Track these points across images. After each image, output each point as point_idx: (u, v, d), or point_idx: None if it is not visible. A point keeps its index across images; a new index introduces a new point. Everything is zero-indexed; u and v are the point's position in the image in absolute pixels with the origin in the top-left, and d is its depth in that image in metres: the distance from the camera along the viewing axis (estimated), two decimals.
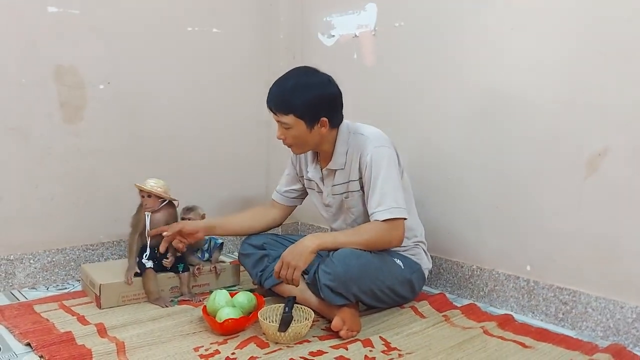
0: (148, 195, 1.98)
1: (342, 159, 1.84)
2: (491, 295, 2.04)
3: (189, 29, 2.48)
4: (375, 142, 1.80)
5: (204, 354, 1.57)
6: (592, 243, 1.77)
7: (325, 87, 1.77)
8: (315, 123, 1.76)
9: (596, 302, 1.76)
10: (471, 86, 2.04)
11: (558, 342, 1.68)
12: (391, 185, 1.76)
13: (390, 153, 1.80)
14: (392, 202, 1.74)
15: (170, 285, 2.04)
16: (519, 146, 1.92)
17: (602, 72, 1.70)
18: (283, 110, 1.74)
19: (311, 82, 1.75)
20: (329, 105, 1.78)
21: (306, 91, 1.73)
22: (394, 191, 1.75)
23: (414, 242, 1.95)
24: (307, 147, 1.84)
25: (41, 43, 2.10)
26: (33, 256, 2.16)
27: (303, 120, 1.74)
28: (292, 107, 1.73)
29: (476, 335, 1.72)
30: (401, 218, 1.75)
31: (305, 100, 1.72)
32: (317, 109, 1.75)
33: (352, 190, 1.85)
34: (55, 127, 2.17)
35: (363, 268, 1.72)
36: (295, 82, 1.74)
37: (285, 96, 1.73)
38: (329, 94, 1.78)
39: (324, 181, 1.92)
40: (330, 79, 1.80)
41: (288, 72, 1.80)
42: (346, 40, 2.49)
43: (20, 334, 1.67)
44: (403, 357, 1.57)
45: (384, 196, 1.74)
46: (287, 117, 1.74)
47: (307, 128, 1.76)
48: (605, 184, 1.72)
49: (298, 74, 1.78)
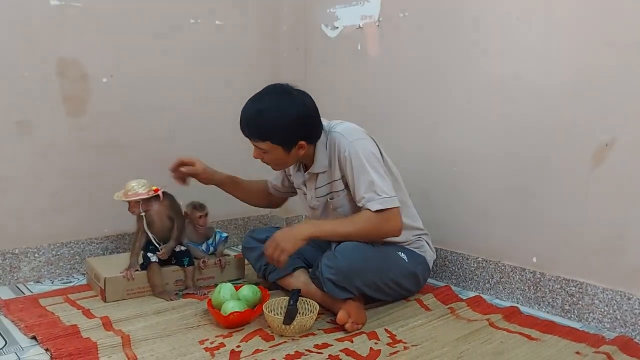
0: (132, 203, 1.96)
1: (325, 161, 1.79)
2: (497, 288, 2.03)
3: (191, 21, 2.46)
4: (349, 136, 1.74)
5: (209, 347, 1.57)
6: (599, 234, 1.75)
7: (300, 109, 1.68)
8: (293, 147, 1.71)
9: (603, 293, 1.75)
10: (477, 77, 2.02)
11: (564, 334, 1.68)
12: (375, 176, 1.70)
13: (366, 144, 1.74)
14: (380, 192, 1.68)
15: (175, 278, 2.04)
16: (525, 137, 1.91)
17: (610, 63, 1.68)
18: (257, 137, 1.69)
19: (285, 106, 1.67)
20: (305, 128, 1.71)
21: (280, 117, 1.65)
22: (380, 181, 1.70)
23: (415, 235, 1.92)
24: (286, 166, 1.84)
25: (44, 36, 2.10)
26: (38, 250, 2.17)
27: (280, 146, 1.70)
28: (267, 135, 1.67)
29: (482, 328, 1.72)
30: (394, 207, 1.70)
31: (280, 127, 1.66)
32: (294, 134, 1.69)
33: (336, 190, 1.81)
34: (59, 120, 2.16)
35: (366, 262, 1.72)
36: (269, 108, 1.66)
37: (259, 124, 1.67)
38: (305, 117, 1.70)
39: (306, 185, 1.89)
40: (304, 98, 1.72)
41: (260, 93, 1.71)
42: (350, 32, 2.47)
43: (25, 327, 1.67)
44: (408, 349, 1.57)
45: (370, 187, 1.69)
46: (263, 143, 1.69)
47: (284, 152, 1.72)
48: (612, 175, 1.71)
49: (270, 97, 1.69)
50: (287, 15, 2.74)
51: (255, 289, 1.82)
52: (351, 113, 2.46)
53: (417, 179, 2.11)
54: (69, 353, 1.49)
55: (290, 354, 1.53)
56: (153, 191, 1.96)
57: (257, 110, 1.68)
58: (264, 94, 1.71)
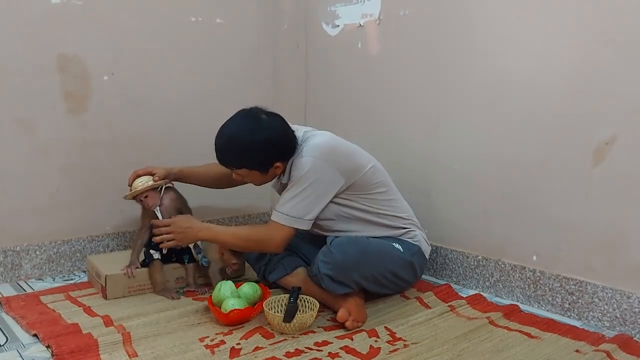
0: (145, 196, 1.96)
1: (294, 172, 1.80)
2: (497, 286, 2.04)
3: (192, 19, 2.46)
4: (309, 151, 1.75)
5: (210, 345, 1.57)
6: (599, 233, 1.75)
7: (270, 134, 1.72)
8: (270, 167, 1.77)
9: (603, 292, 1.75)
10: (477, 75, 2.02)
11: (564, 332, 1.68)
12: (301, 196, 1.73)
13: (318, 166, 1.73)
14: (290, 210, 1.73)
15: (176, 276, 2.04)
16: (525, 135, 1.91)
17: (610, 60, 1.68)
18: (234, 165, 1.78)
19: (255, 133, 1.71)
20: (277, 150, 1.75)
21: (252, 144, 1.71)
22: (300, 202, 1.73)
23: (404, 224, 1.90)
24: (267, 181, 1.87)
25: (45, 34, 2.10)
26: (39, 247, 2.17)
27: (256, 170, 1.77)
28: (242, 163, 1.76)
29: (482, 326, 1.72)
30: (287, 227, 1.74)
31: (253, 154, 1.73)
32: (267, 158, 1.75)
33: None
34: (60, 118, 2.16)
35: (361, 254, 1.72)
36: (239, 136, 1.71)
37: (232, 153, 1.74)
38: (276, 141, 1.73)
39: (280, 193, 1.90)
40: (274, 122, 1.76)
41: (230, 120, 1.78)
42: (351, 30, 2.47)
43: (27, 325, 1.68)
44: (408, 347, 1.57)
45: (287, 201, 1.74)
46: (240, 170, 1.78)
47: (261, 174, 1.79)
48: (613, 172, 1.71)
49: (241, 125, 1.75)
50: (288, 13, 2.73)
51: (255, 287, 1.83)
52: (351, 112, 2.47)
53: (417, 177, 2.11)
54: (70, 350, 1.50)
55: (291, 352, 1.53)
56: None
57: (229, 140, 1.74)
58: (234, 122, 1.77)
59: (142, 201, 1.97)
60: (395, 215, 1.89)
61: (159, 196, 1.98)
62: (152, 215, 1.98)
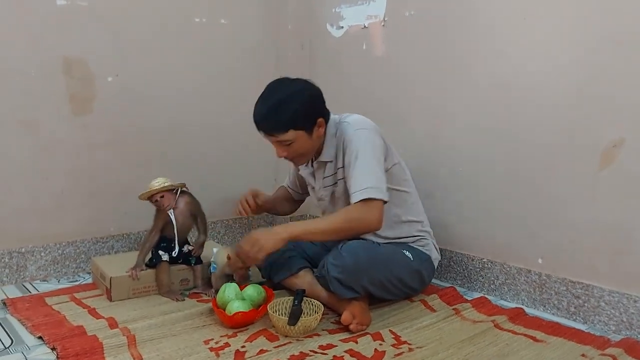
0: (161, 196, 1.95)
1: (332, 150, 1.83)
2: (502, 289, 2.03)
3: (196, 20, 2.46)
4: (355, 125, 1.78)
5: (214, 347, 1.57)
6: (606, 236, 1.74)
7: (307, 90, 1.74)
8: (314, 127, 1.75)
9: (609, 295, 1.74)
10: (483, 77, 2.02)
11: (570, 336, 1.67)
12: (368, 167, 1.71)
13: (369, 135, 1.76)
14: (368, 182, 1.68)
15: (181, 277, 2.04)
16: (531, 137, 1.90)
17: (617, 61, 1.67)
18: (280, 129, 1.71)
19: (294, 91, 1.72)
20: (317, 105, 1.77)
21: (294, 101, 1.70)
22: (371, 172, 1.71)
23: (419, 230, 1.92)
24: (310, 155, 1.83)
25: (50, 35, 2.10)
26: (44, 249, 2.17)
27: (302, 130, 1.72)
28: (288, 123, 1.70)
29: (487, 329, 1.71)
30: (378, 199, 1.69)
31: (296, 111, 1.70)
32: (310, 113, 1.73)
33: (339, 177, 1.83)
34: (64, 119, 2.17)
35: (372, 260, 1.72)
36: (279, 98, 1.71)
37: (276, 116, 1.70)
38: (314, 94, 1.76)
39: (315, 175, 1.91)
40: (307, 80, 1.78)
41: (265, 90, 1.76)
42: (355, 31, 2.46)
43: (32, 327, 1.68)
44: (413, 351, 1.56)
45: (360, 177, 1.70)
46: (287, 133, 1.71)
47: (307, 136, 1.75)
48: (620, 175, 1.70)
49: (277, 88, 1.75)
50: (292, 14, 2.73)
51: (259, 289, 1.82)
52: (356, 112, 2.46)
53: (421, 179, 2.10)
54: (76, 353, 1.50)
55: (295, 355, 1.53)
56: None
57: (270, 105, 1.71)
58: (269, 90, 1.76)
59: (157, 201, 1.96)
60: (413, 220, 1.90)
61: (175, 198, 1.98)
62: (166, 218, 1.98)
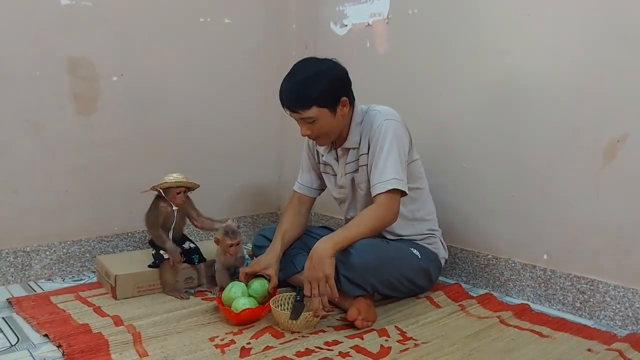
0: (183, 191, 1.96)
1: (357, 137, 1.84)
2: (507, 285, 2.03)
3: (200, 19, 2.47)
4: (385, 115, 1.80)
5: (220, 344, 1.57)
6: (610, 231, 1.74)
7: (334, 69, 1.76)
8: (337, 106, 1.76)
9: (615, 290, 1.74)
10: (487, 73, 2.02)
11: (575, 331, 1.67)
12: (393, 158, 1.74)
13: (397, 127, 1.78)
14: (393, 174, 1.72)
15: (185, 276, 2.04)
16: (535, 134, 1.90)
17: (621, 57, 1.67)
18: (304, 106, 1.71)
19: (320, 69, 1.73)
20: (343, 84, 1.78)
21: (319, 79, 1.71)
22: (395, 164, 1.73)
23: (429, 229, 1.93)
24: (333, 135, 1.82)
25: (54, 35, 2.11)
26: (49, 248, 2.18)
27: (326, 107, 1.73)
28: (312, 99, 1.70)
29: (492, 325, 1.71)
30: (399, 191, 1.73)
31: (321, 88, 1.71)
32: (334, 91, 1.74)
33: (362, 164, 1.84)
34: (69, 119, 2.17)
35: (380, 258, 1.72)
36: (305, 75, 1.72)
37: (301, 91, 1.71)
38: (340, 74, 1.78)
39: (338, 161, 1.91)
40: (334, 60, 1.79)
41: (292, 68, 1.77)
42: (359, 29, 2.46)
43: (37, 325, 1.68)
44: (419, 346, 1.56)
45: (385, 168, 1.73)
46: (310, 110, 1.71)
47: (331, 114, 1.75)
48: (624, 170, 1.70)
49: (303, 66, 1.76)
50: (296, 13, 2.74)
51: (264, 282, 1.82)
52: None
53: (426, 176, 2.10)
54: (81, 350, 1.50)
55: (301, 351, 1.53)
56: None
57: (297, 81, 1.72)
58: (295, 68, 1.77)
59: (178, 194, 1.95)
60: (425, 217, 1.91)
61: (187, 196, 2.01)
62: (170, 215, 1.98)
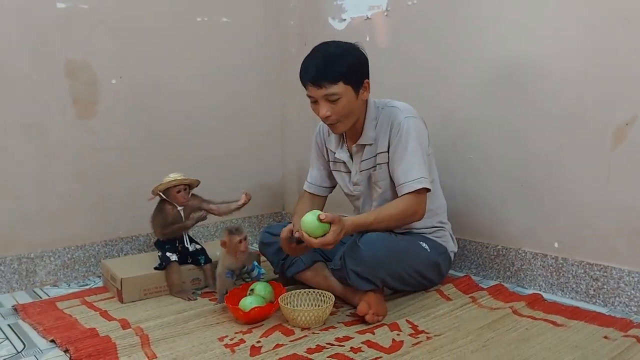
0: (184, 189, 1.95)
1: (372, 133, 1.81)
2: (518, 275, 2.00)
3: (198, 19, 2.45)
4: (406, 112, 1.78)
5: (229, 344, 1.55)
6: (622, 215, 1.71)
7: (358, 50, 1.75)
8: (360, 87, 1.74)
9: (629, 276, 1.71)
10: (491, 61, 1.99)
11: (590, 319, 1.63)
12: (419, 157, 1.74)
13: (419, 124, 1.78)
14: (420, 173, 1.72)
15: (192, 277, 2.02)
16: (542, 120, 1.87)
17: (628, 38, 1.64)
18: (331, 79, 1.67)
19: (346, 48, 1.72)
20: (366, 67, 1.77)
21: (346, 56, 1.70)
22: (421, 163, 1.74)
23: (439, 222, 1.90)
24: (352, 119, 1.78)
25: (52, 39, 2.09)
26: (53, 253, 2.16)
27: (351, 85, 1.71)
28: (340, 73, 1.67)
29: (505, 316, 1.68)
30: (426, 189, 1.73)
31: (349, 64, 1.69)
32: (360, 71, 1.73)
33: (380, 162, 1.81)
34: (70, 123, 2.16)
35: (390, 252, 1.69)
36: (332, 52, 1.70)
37: (330, 64, 1.67)
38: (364, 56, 1.76)
39: (352, 158, 1.88)
40: (357, 43, 1.78)
41: (315, 48, 1.75)
42: (358, 23, 2.44)
43: (44, 330, 1.67)
44: (432, 339, 1.54)
45: (411, 167, 1.72)
46: (336, 85, 1.68)
47: (354, 95, 1.73)
48: (634, 154, 1.67)
49: (328, 45, 1.74)
50: (294, 9, 2.72)
51: (267, 286, 1.79)
52: None
53: None
54: (89, 354, 1.48)
55: (312, 348, 1.50)
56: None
57: (324, 57, 1.70)
58: (322, 46, 1.75)
59: (178, 192, 1.95)
60: (434, 210, 1.88)
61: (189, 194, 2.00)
62: (177, 216, 1.97)
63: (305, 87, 1.73)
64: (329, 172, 2.01)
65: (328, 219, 1.58)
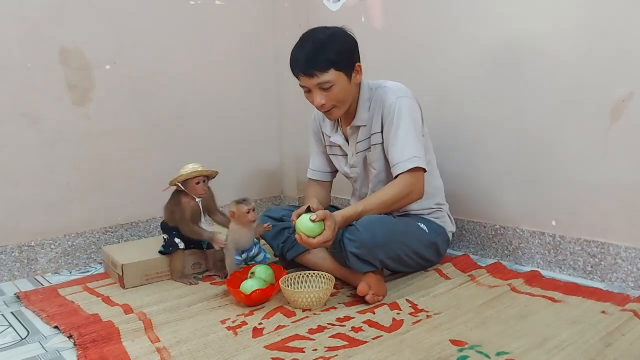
0: (203, 181, 1.92)
1: (366, 114, 1.82)
2: (516, 253, 2.01)
3: (191, 2, 2.43)
4: (397, 92, 1.78)
5: (231, 326, 1.56)
6: (619, 192, 1.72)
7: (346, 34, 1.75)
8: (352, 71, 1.74)
9: (625, 252, 1.73)
10: (486, 39, 1.98)
11: (588, 294, 1.65)
12: (411, 136, 1.74)
13: (411, 104, 1.78)
14: (413, 152, 1.72)
15: (192, 261, 2.03)
16: (538, 98, 1.87)
17: (623, 14, 1.64)
18: (322, 67, 1.67)
19: (333, 34, 1.71)
20: (356, 50, 1.76)
21: (334, 42, 1.69)
22: (414, 142, 1.73)
23: (436, 204, 1.91)
24: (347, 104, 1.78)
25: (44, 26, 2.08)
26: (53, 241, 2.17)
27: (342, 71, 1.70)
28: (330, 61, 1.67)
29: (504, 293, 1.70)
30: (421, 169, 1.73)
31: (338, 50, 1.68)
32: (350, 55, 1.73)
33: (374, 143, 1.82)
34: (65, 110, 2.15)
35: (388, 234, 1.70)
36: (320, 39, 1.69)
37: (319, 53, 1.67)
38: (353, 39, 1.76)
39: (348, 141, 1.89)
40: (344, 27, 1.77)
41: (303, 36, 1.74)
42: (353, 4, 2.42)
43: (47, 317, 1.68)
44: (431, 317, 1.55)
45: (405, 146, 1.72)
46: (327, 73, 1.68)
47: (347, 80, 1.73)
48: (631, 130, 1.67)
49: (315, 33, 1.73)
50: None
51: (267, 268, 1.81)
52: None
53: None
54: (92, 339, 1.49)
55: (313, 328, 1.52)
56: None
57: (312, 45, 1.69)
58: (308, 34, 1.74)
59: (197, 184, 1.90)
60: (431, 191, 1.88)
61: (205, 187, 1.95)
62: (196, 209, 1.93)
63: (297, 77, 1.73)
64: (329, 157, 2.02)
65: (319, 217, 1.60)
